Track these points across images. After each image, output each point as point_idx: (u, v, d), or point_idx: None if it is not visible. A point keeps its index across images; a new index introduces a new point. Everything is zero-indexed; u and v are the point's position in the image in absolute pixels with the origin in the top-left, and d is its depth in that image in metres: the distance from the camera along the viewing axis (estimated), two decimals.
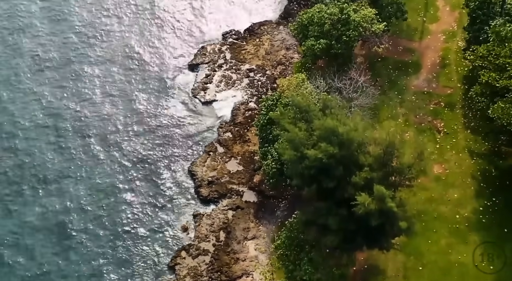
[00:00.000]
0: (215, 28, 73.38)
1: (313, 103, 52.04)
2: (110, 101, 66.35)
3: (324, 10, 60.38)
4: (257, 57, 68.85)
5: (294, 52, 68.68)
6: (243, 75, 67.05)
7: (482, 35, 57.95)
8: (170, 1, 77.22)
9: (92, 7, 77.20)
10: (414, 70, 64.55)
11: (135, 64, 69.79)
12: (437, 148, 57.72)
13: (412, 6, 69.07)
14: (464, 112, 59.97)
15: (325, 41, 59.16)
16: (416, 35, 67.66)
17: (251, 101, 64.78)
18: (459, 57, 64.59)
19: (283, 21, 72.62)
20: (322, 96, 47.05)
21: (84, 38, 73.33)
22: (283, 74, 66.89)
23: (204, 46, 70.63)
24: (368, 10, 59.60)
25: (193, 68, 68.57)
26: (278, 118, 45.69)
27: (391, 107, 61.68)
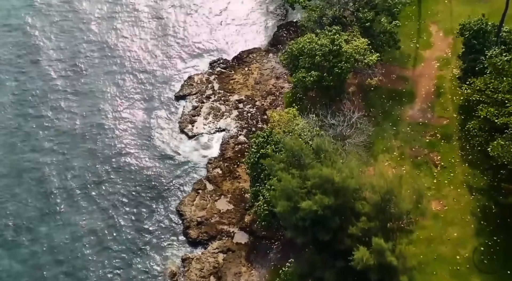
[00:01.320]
0: (203, 57, 70.91)
1: (306, 141, 50.30)
2: (90, 138, 63.49)
3: (315, 41, 58.36)
4: (246, 87, 66.67)
5: (284, 81, 66.58)
6: (232, 107, 64.79)
7: (478, 66, 56.15)
8: (154, 30, 74.65)
9: (70, 39, 74.03)
10: (409, 100, 62.59)
11: (118, 98, 67.02)
12: (435, 183, 55.61)
13: (405, 31, 67.22)
14: (461, 144, 58.04)
15: (317, 73, 57.09)
16: (410, 63, 65.74)
17: (241, 134, 62.45)
18: (454, 86, 62.76)
19: (272, 49, 70.45)
20: (315, 140, 44.82)
21: (64, 71, 70.28)
22: (273, 105, 64.76)
23: (191, 76, 68.21)
24: (360, 41, 57.63)
25: (180, 100, 66.22)
26: (270, 164, 43.48)
27: (385, 140, 59.60)
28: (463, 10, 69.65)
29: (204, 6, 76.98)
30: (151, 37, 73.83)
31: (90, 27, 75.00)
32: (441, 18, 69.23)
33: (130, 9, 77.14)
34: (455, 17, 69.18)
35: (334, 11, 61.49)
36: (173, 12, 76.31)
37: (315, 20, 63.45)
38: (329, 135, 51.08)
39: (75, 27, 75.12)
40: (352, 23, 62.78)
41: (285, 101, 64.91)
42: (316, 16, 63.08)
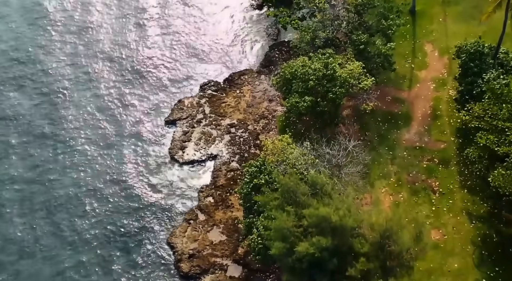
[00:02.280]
0: (193, 79, 68.78)
1: (301, 172, 48.59)
2: (76, 165, 61.07)
3: (308, 65, 56.76)
4: (238, 110, 64.83)
5: (277, 104, 64.79)
6: (224, 131, 62.93)
7: (475, 89, 54.77)
8: (141, 52, 72.27)
9: (52, 64, 71.41)
10: (405, 123, 61.01)
11: (107, 123, 64.77)
12: (433, 210, 53.97)
13: (399, 51, 65.65)
14: (459, 169, 56.44)
15: (310, 98, 55.46)
16: (405, 84, 64.22)
17: (233, 160, 60.58)
18: (451, 108, 61.30)
19: (264, 70, 68.61)
20: (311, 174, 43.09)
21: (49, 97, 67.86)
22: (266, 129, 62.97)
23: (181, 100, 66.16)
24: (355, 65, 56.04)
25: (170, 125, 64.13)
26: (264, 201, 41.72)
27: (382, 165, 57.97)
28: (458, 29, 68.46)
29: (193, 26, 75.11)
30: (139, 59, 71.63)
31: (76, 52, 72.58)
32: (436, 37, 67.90)
33: (117, 30, 75.05)
34: (450, 36, 68.04)
35: (327, 33, 59.97)
36: (162, 34, 74.28)
37: (308, 41, 61.96)
38: (325, 166, 49.34)
39: (58, 51, 72.96)
40: (346, 45, 61.33)
41: (278, 125, 63.16)
42: (308, 38, 61.56)
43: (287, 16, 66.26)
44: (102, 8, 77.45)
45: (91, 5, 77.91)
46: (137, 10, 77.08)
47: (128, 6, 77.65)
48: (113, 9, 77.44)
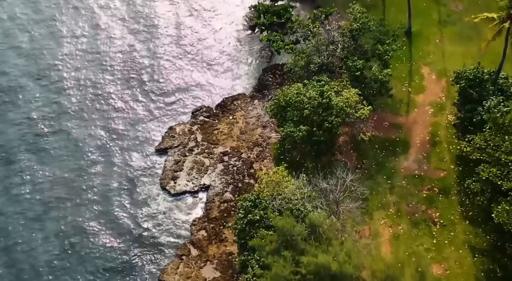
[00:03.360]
0: (185, 104, 66.80)
1: (297, 208, 46.73)
2: (62, 201, 58.54)
3: (303, 93, 55.01)
4: (231, 137, 62.84)
5: (271, 130, 62.87)
6: (217, 160, 60.89)
7: (475, 117, 53.22)
8: (132, 76, 69.89)
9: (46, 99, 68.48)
10: (403, 150, 59.30)
11: (94, 152, 62.53)
12: (434, 243, 52.17)
13: (395, 74, 64.04)
14: (460, 199, 54.73)
15: (306, 128, 53.68)
16: (402, 108, 62.54)
17: (227, 190, 58.51)
18: (449, 134, 59.66)
19: (258, 94, 66.68)
20: (309, 216, 41.19)
21: (32, 123, 65.48)
22: (261, 157, 61.01)
23: (172, 127, 64.00)
24: (351, 93, 54.29)
25: (161, 154, 61.95)
26: (260, 244, 39.78)
27: (380, 195, 56.16)
28: (456, 50, 67.02)
29: (185, 50, 72.93)
30: (129, 84, 69.21)
31: (58, 83, 69.87)
32: (433, 59, 66.36)
33: (109, 55, 72.56)
34: (447, 58, 66.55)
35: (322, 59, 58.22)
36: (152, 58, 72.02)
37: (302, 66, 60.25)
38: (322, 202, 47.44)
39: (48, 76, 70.70)
40: (341, 70, 59.62)
41: (272, 153, 61.22)
42: (303, 63, 59.83)
43: (281, 40, 64.51)
44: (85, 40, 74.75)
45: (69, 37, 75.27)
46: (126, 35, 74.79)
47: (115, 32, 75.11)
48: (99, 37, 74.83)
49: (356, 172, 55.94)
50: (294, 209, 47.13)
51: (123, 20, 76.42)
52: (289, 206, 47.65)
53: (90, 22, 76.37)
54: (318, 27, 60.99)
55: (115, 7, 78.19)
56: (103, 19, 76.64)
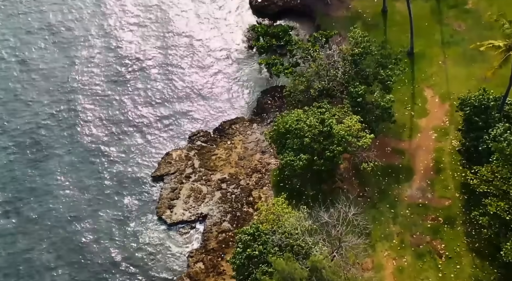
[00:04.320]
0: (181, 128, 65.15)
1: (298, 244, 44.98)
2: (52, 228, 57.10)
3: (303, 120, 53.35)
4: (229, 163, 61.12)
5: (270, 156, 61.16)
6: (215, 187, 59.14)
7: (481, 145, 51.50)
8: (127, 99, 68.14)
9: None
10: (406, 177, 57.52)
11: (87, 180, 60.74)
12: (440, 277, 50.39)
13: (398, 97, 62.25)
14: (465, 230, 52.90)
15: (306, 156, 52.00)
16: (405, 133, 60.79)
17: (225, 220, 56.77)
18: (454, 160, 57.90)
19: (257, 118, 64.97)
20: (311, 258, 39.36)
21: (25, 149, 63.83)
22: (260, 184, 59.25)
23: (169, 153, 62.28)
24: (352, 121, 52.57)
25: (158, 181, 60.24)
26: None
27: (383, 225, 54.41)
28: (459, 72, 65.38)
29: (181, 72, 71.03)
30: (124, 108, 67.41)
31: (52, 111, 67.83)
32: (436, 82, 64.64)
33: (102, 79, 70.54)
34: (451, 80, 64.88)
35: (323, 84, 56.59)
36: (148, 80, 70.12)
37: (302, 90, 58.64)
38: (324, 238, 45.65)
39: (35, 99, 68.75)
40: (342, 95, 57.90)
41: (272, 180, 59.45)
42: (303, 87, 58.22)
43: (280, 64, 62.90)
44: (80, 62, 72.82)
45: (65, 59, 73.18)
46: (123, 56, 72.89)
47: (111, 54, 73.08)
48: (94, 61, 72.77)
49: (358, 201, 54.68)
50: (295, 245, 45.46)
51: (116, 42, 75.03)
52: (290, 242, 45.96)
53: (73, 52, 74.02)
54: (318, 50, 59.44)
55: (102, 34, 75.59)
56: (96, 45, 74.30)
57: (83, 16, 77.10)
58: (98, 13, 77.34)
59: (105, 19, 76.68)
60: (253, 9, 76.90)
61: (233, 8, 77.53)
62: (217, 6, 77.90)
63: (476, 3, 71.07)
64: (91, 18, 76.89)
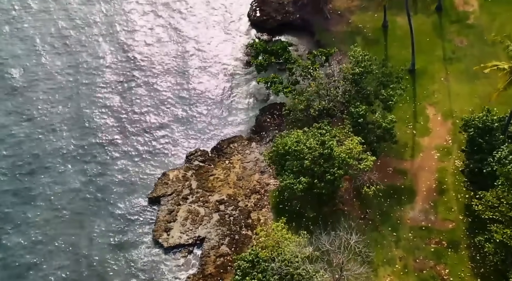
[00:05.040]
0: (178, 147, 63.55)
1: (298, 273, 43.67)
2: (48, 252, 55.39)
3: (303, 141, 52.07)
4: (228, 184, 59.71)
5: (269, 176, 59.69)
6: (212, 209, 57.69)
7: (485, 167, 50.26)
8: (123, 116, 66.45)
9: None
10: (408, 198, 56.23)
11: (82, 202, 58.98)
12: None
13: (399, 115, 60.93)
14: (470, 254, 51.55)
15: (306, 179, 50.69)
16: (407, 153, 59.49)
17: (223, 243, 55.25)
18: (457, 181, 56.61)
19: (255, 136, 63.49)
20: None
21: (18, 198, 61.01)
22: (258, 206, 57.83)
23: (166, 173, 60.73)
24: (353, 142, 51.26)
25: (154, 202, 58.77)
26: None
27: (385, 249, 53.04)
28: (461, 89, 64.16)
29: (179, 87, 69.52)
30: (119, 127, 65.51)
31: (53, 127, 66.06)
32: (438, 99, 63.42)
33: (97, 95, 68.89)
34: (453, 98, 63.62)
35: (323, 104, 55.34)
36: (144, 99, 68.36)
37: (302, 109, 57.36)
38: (325, 268, 44.30)
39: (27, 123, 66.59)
40: (342, 113, 56.61)
41: (271, 202, 58.02)
42: (302, 107, 56.94)
43: (279, 82, 61.67)
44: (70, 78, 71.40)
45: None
46: (118, 74, 71.21)
47: (106, 74, 71.30)
48: (90, 79, 70.99)
49: (359, 223, 53.43)
50: (295, 274, 44.15)
51: (112, 56, 73.66)
52: (290, 270, 44.63)
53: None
54: (318, 69, 58.17)
55: (99, 49, 74.50)
56: (80, 71, 72.10)
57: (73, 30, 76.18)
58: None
59: (94, 43, 75.35)
60: (251, 23, 75.72)
61: (232, 22, 76.25)
62: (215, 20, 76.70)
63: (478, 18, 70.07)
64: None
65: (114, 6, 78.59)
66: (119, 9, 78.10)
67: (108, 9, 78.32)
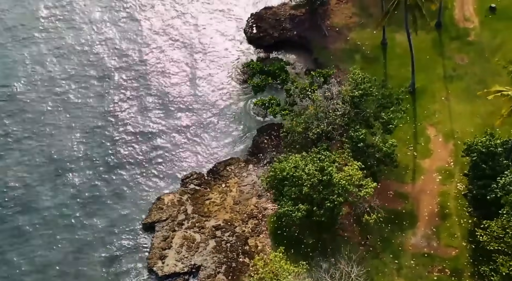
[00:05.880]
0: (174, 169, 61.96)
1: None
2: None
3: (301, 167, 50.59)
4: (224, 208, 58.09)
5: (267, 200, 58.06)
6: (209, 235, 56.02)
7: (489, 194, 48.79)
8: (116, 137, 64.70)
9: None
10: (410, 223, 54.72)
11: (73, 227, 57.23)
12: None
13: (399, 136, 59.57)
14: None
15: (305, 207, 49.21)
16: (408, 176, 58.02)
17: (220, 271, 53.50)
18: (460, 205, 55.14)
19: (253, 158, 61.90)
20: None
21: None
22: (256, 232, 56.24)
23: (160, 197, 59.07)
24: (353, 168, 49.76)
25: (149, 229, 57.11)
26: None
27: (387, 277, 51.48)
28: (463, 109, 62.73)
29: (174, 107, 67.92)
30: (112, 148, 63.82)
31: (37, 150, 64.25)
32: (439, 119, 61.99)
33: (92, 115, 67.25)
34: (454, 118, 62.16)
35: (322, 128, 53.88)
36: (138, 119, 66.62)
37: (300, 132, 55.86)
38: None
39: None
40: (341, 137, 55.13)
41: (269, 227, 56.37)
42: (300, 129, 55.45)
43: (276, 104, 60.21)
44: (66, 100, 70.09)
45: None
46: (111, 96, 69.51)
47: (97, 102, 69.09)
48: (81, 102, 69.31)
49: (360, 250, 51.94)
50: None
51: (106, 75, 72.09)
52: None
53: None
54: (315, 90, 56.73)
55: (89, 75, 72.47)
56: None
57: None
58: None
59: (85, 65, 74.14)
60: (248, 40, 74.22)
61: (228, 39, 74.76)
62: (211, 37, 75.13)
63: (479, 35, 68.80)
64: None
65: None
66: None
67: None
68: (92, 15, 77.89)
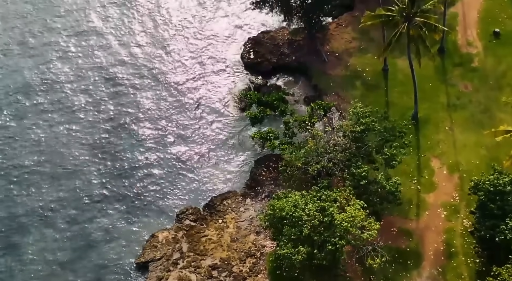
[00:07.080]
0: (168, 204, 59.42)
1: None
2: None
3: (301, 207, 48.39)
4: (221, 246, 55.70)
5: (265, 237, 55.73)
6: (205, 276, 53.48)
7: (498, 236, 46.66)
8: (108, 173, 62.28)
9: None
10: (415, 263, 52.34)
11: (61, 270, 54.50)
12: None
13: (402, 169, 57.21)
14: None
15: (305, 250, 46.97)
16: (411, 211, 55.79)
17: None
18: (467, 243, 52.89)
19: (250, 192, 59.49)
20: None
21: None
22: (254, 271, 53.84)
23: (154, 234, 56.55)
24: (356, 209, 47.59)
25: (142, 268, 54.57)
26: None
27: None
28: (467, 140, 60.60)
29: (169, 136, 65.62)
30: (103, 182, 61.38)
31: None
32: (444, 150, 59.88)
33: (80, 145, 65.08)
34: (459, 149, 60.05)
35: (322, 165, 51.76)
36: (130, 151, 64.22)
37: (299, 167, 53.71)
38: None
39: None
40: (343, 173, 53.01)
41: (268, 267, 54.01)
42: (300, 164, 53.33)
43: (275, 138, 58.12)
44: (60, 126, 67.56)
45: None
46: (103, 124, 67.34)
47: (89, 120, 67.62)
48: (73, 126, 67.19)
49: None
50: None
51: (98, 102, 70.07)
52: None
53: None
54: (315, 123, 54.63)
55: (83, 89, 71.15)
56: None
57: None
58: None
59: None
60: (245, 65, 72.16)
61: (225, 65, 72.58)
62: (206, 63, 72.87)
63: (483, 61, 66.88)
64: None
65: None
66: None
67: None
68: (84, 40, 76.39)
